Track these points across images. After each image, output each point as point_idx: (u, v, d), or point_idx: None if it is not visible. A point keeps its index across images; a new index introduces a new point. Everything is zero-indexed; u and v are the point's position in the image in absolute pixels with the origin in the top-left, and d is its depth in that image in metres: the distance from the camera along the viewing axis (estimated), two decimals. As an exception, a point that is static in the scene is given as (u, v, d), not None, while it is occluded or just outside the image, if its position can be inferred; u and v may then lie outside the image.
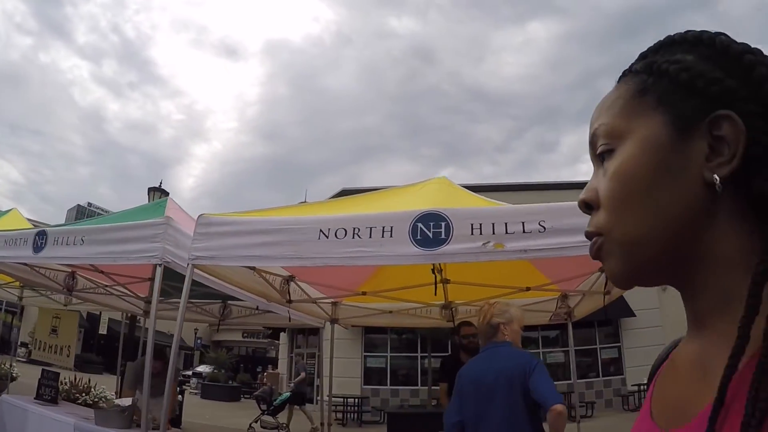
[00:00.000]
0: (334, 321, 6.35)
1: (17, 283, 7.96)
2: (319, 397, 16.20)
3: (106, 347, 24.79)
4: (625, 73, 0.53)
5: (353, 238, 3.03)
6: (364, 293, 5.05)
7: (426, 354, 15.48)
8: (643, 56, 0.53)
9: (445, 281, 4.91)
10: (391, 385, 15.56)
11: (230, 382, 23.03)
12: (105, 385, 8.66)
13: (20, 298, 8.72)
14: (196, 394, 20.82)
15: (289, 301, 4.91)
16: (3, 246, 4.68)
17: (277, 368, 19.96)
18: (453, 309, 6.07)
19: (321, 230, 3.06)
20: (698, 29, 0.49)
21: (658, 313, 14.07)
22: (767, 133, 0.42)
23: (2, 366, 9.54)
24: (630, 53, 0.58)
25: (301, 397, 11.22)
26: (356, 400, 13.99)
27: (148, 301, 6.12)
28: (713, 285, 0.44)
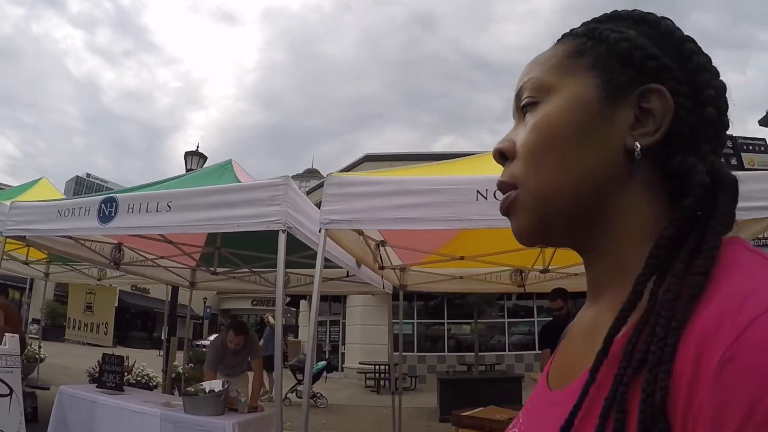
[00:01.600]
0: (402, 287, 6.04)
1: (45, 259, 7.41)
2: (344, 365, 16.26)
3: (117, 320, 24.54)
4: (565, 35, 0.51)
5: (514, 199, 2.64)
6: (462, 258, 4.60)
7: (455, 321, 15.34)
8: (585, 24, 0.51)
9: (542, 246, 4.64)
10: (418, 351, 15.41)
11: (243, 351, 22.85)
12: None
13: (46, 275, 8.19)
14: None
15: (382, 267, 4.49)
16: (56, 218, 4.09)
17: (297, 336, 19.79)
18: (524, 275, 5.84)
19: (478, 191, 2.71)
20: (646, 10, 0.48)
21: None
22: (693, 114, 0.42)
23: (29, 347, 9.06)
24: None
25: (270, 361, 11.02)
26: (387, 366, 13.85)
27: (213, 272, 5.62)
28: (616, 250, 0.44)
